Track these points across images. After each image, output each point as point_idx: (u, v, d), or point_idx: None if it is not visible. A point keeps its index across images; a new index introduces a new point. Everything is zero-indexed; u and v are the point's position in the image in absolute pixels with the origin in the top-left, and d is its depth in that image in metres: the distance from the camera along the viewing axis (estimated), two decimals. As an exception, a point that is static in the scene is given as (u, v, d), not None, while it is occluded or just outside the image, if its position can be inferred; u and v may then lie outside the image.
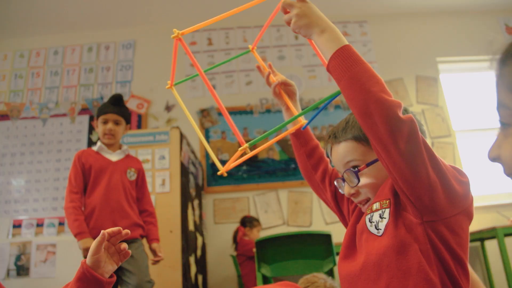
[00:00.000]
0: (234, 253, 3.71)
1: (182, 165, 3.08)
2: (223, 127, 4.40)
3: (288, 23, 0.98)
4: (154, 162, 3.02)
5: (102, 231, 1.08)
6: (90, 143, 4.31)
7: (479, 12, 4.96)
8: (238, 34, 4.81)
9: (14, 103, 4.51)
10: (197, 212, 3.56)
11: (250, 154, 0.93)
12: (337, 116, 4.34)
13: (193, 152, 3.69)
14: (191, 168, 3.51)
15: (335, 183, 1.07)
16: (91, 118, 4.43)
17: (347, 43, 0.89)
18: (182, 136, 3.20)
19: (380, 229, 0.89)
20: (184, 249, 2.87)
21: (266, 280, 2.48)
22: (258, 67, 1.29)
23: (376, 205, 0.93)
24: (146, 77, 4.61)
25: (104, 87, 4.58)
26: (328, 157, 1.16)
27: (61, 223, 4.07)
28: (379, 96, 0.80)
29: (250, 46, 1.29)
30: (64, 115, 4.46)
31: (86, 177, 2.43)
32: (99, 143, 2.54)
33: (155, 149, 3.06)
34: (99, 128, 2.54)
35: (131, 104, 4.45)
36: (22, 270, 3.91)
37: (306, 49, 4.75)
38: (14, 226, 4.09)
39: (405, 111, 0.87)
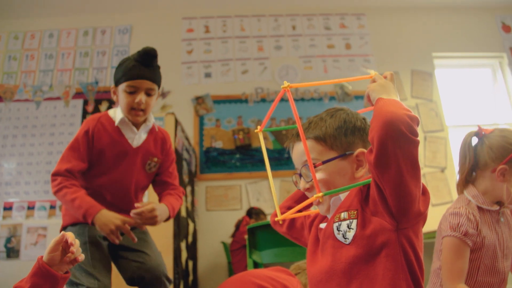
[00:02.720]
0: (230, 240, 3.73)
1: (176, 151, 3.08)
2: (218, 115, 4.40)
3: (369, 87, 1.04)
4: (148, 147, 3.00)
5: (63, 233, 1.11)
6: (84, 127, 4.28)
7: (477, 9, 4.97)
8: (236, 22, 4.79)
9: (7, 85, 4.47)
10: (189, 198, 3.57)
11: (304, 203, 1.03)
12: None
13: (187, 138, 3.69)
14: (185, 155, 3.51)
15: (293, 178, 1.12)
16: (85, 102, 4.40)
17: None
18: (177, 123, 3.19)
19: (348, 239, 0.94)
20: (175, 235, 2.88)
21: (256, 267, 2.50)
22: None
23: (344, 215, 0.97)
24: (141, 63, 4.58)
25: (99, 72, 4.55)
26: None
27: (52, 207, 4.06)
28: (410, 115, 0.85)
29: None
30: (58, 98, 4.43)
31: (92, 157, 1.78)
32: (120, 115, 1.81)
33: (149, 134, 3.04)
34: (122, 99, 1.78)
35: (126, 90, 4.43)
36: (12, 252, 3.90)
37: (303, 40, 4.75)
38: (5, 209, 4.07)
39: None
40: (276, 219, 1.11)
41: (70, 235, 1.12)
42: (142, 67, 1.79)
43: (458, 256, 1.40)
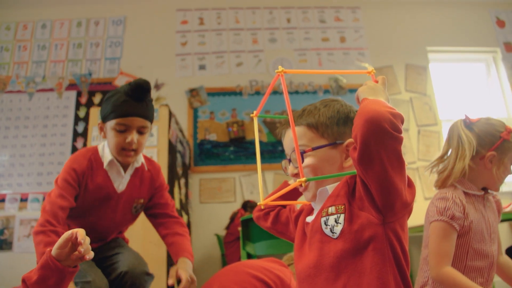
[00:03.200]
0: (223, 232, 3.74)
1: (170, 143, 3.08)
2: (212, 107, 4.39)
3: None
4: (141, 139, 3.00)
5: (72, 231, 1.09)
6: (77, 119, 4.26)
7: (471, 3, 4.98)
8: (230, 14, 4.77)
9: (-1, 76, 4.44)
10: (183, 191, 3.57)
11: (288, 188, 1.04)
12: (326, 101, 4.35)
13: (181, 131, 3.68)
14: (179, 147, 3.50)
15: (282, 164, 1.14)
16: (79, 94, 4.38)
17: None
18: (171, 114, 3.18)
19: (335, 233, 0.95)
20: (169, 226, 2.88)
21: (250, 258, 2.51)
22: None
23: (331, 209, 0.98)
24: (135, 55, 4.56)
25: (92, 63, 4.52)
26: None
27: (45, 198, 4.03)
28: (393, 112, 0.85)
29: None
30: (51, 90, 4.40)
31: (78, 196, 1.65)
32: (109, 156, 1.68)
33: (143, 126, 3.03)
34: (111, 137, 1.64)
35: (119, 81, 4.41)
36: (5, 244, 3.89)
37: (297, 33, 4.74)
38: (-2, 201, 4.05)
39: None
40: (258, 203, 1.11)
41: (80, 233, 1.10)
42: (134, 103, 1.61)
43: (445, 239, 1.41)
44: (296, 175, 1.08)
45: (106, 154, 1.68)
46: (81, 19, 4.72)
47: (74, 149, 4.17)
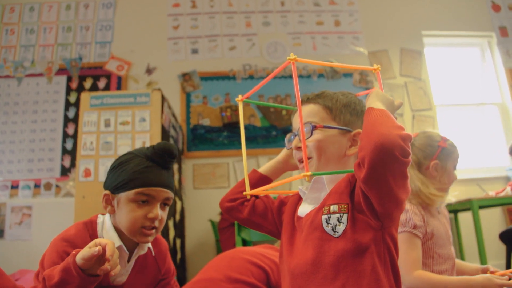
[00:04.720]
0: (217, 218, 3.72)
1: (162, 128, 3.03)
2: (205, 92, 4.33)
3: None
4: (134, 124, 2.95)
5: (99, 248, 1.04)
6: (68, 105, 4.19)
7: (467, -13, 4.94)
8: (223, -3, 4.70)
9: (-13, 61, 4.34)
10: (176, 176, 3.54)
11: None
12: (321, 85, 4.31)
13: (174, 115, 3.64)
14: (172, 132, 3.46)
15: (287, 136, 1.17)
16: (69, 79, 4.30)
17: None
18: (163, 99, 3.13)
19: (337, 232, 0.95)
20: (163, 213, 2.85)
21: (245, 244, 2.49)
22: None
23: (334, 208, 0.98)
24: (127, 38, 4.48)
25: (83, 47, 4.44)
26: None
27: (36, 185, 3.99)
28: (402, 136, 0.85)
29: None
30: (40, 74, 4.31)
31: None
32: (117, 240, 1.32)
33: (136, 111, 2.99)
34: (128, 212, 1.31)
35: (110, 66, 4.33)
36: (-4, 232, 3.86)
37: (291, 16, 4.67)
38: (-12, 188, 4.00)
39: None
40: (244, 193, 1.10)
41: (109, 247, 1.05)
42: (160, 170, 1.34)
43: (411, 247, 1.50)
44: (299, 148, 1.10)
45: (110, 237, 1.34)
46: (70, 1, 4.62)
47: (65, 135, 4.11)
